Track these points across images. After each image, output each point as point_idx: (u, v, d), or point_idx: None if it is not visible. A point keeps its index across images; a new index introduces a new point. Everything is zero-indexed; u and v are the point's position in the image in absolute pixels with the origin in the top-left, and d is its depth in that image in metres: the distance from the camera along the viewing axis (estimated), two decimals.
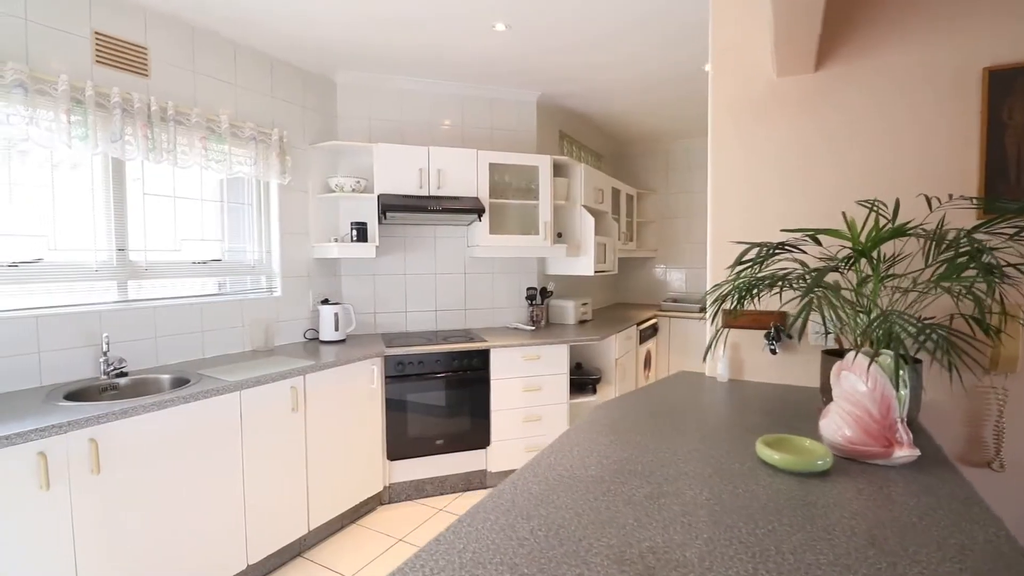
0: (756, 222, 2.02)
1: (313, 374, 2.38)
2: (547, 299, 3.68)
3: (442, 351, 2.90)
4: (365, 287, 3.33)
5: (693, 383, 2.04)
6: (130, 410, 1.69)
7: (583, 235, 3.66)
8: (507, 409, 3.07)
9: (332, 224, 3.21)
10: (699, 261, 5.22)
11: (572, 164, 3.62)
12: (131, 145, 2.18)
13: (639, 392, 1.89)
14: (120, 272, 2.25)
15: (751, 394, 1.85)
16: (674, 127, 4.68)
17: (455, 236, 3.53)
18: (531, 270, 3.75)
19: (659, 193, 5.38)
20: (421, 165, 3.07)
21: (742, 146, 2.01)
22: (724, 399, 1.79)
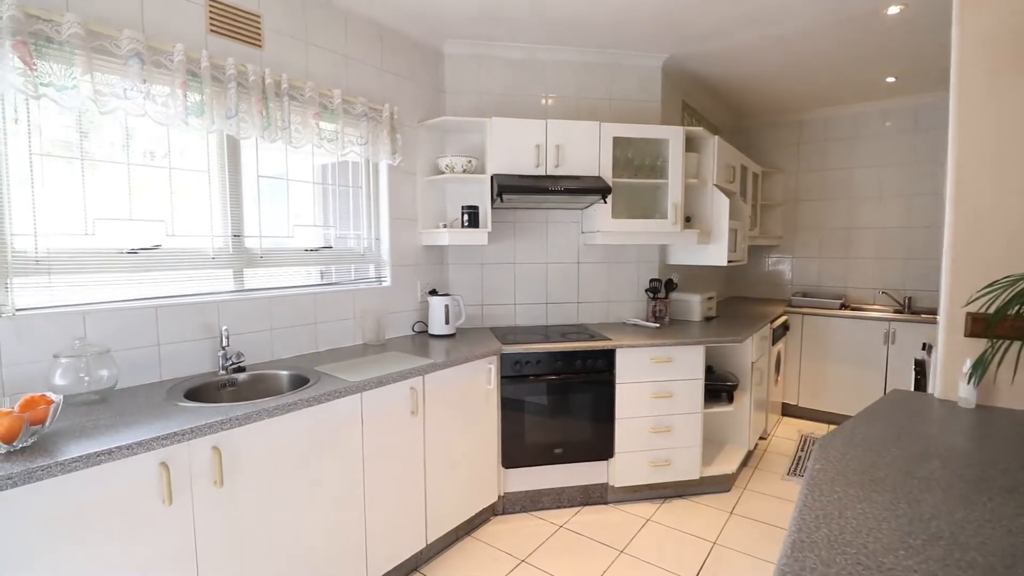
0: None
1: (432, 374, 2.14)
2: (670, 293, 3.24)
3: (563, 350, 2.57)
4: (472, 277, 3.07)
5: (929, 410, 1.56)
6: (254, 415, 1.50)
7: (715, 219, 3.18)
8: (633, 417, 2.70)
9: (439, 208, 2.97)
10: (835, 250, 4.52)
11: (705, 136, 3.13)
12: (246, 123, 2.01)
13: (864, 421, 1.44)
14: (236, 260, 2.11)
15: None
16: (814, 93, 4.02)
17: (568, 221, 3.17)
18: (651, 260, 3.33)
19: (787, 172, 4.71)
20: (538, 141, 2.74)
21: (1000, 103, 1.48)
22: (1005, 437, 1.31)
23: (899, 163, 4.21)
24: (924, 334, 3.66)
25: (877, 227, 4.33)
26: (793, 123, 4.64)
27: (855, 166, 4.40)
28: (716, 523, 2.60)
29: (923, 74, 3.57)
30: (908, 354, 3.75)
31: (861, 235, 4.41)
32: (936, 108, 4.02)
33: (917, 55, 3.25)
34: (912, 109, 4.12)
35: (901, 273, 4.25)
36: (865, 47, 3.09)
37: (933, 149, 4.06)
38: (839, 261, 4.52)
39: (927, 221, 4.13)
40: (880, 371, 3.88)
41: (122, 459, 1.23)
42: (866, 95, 4.06)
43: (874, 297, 4.35)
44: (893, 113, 4.20)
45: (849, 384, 4.00)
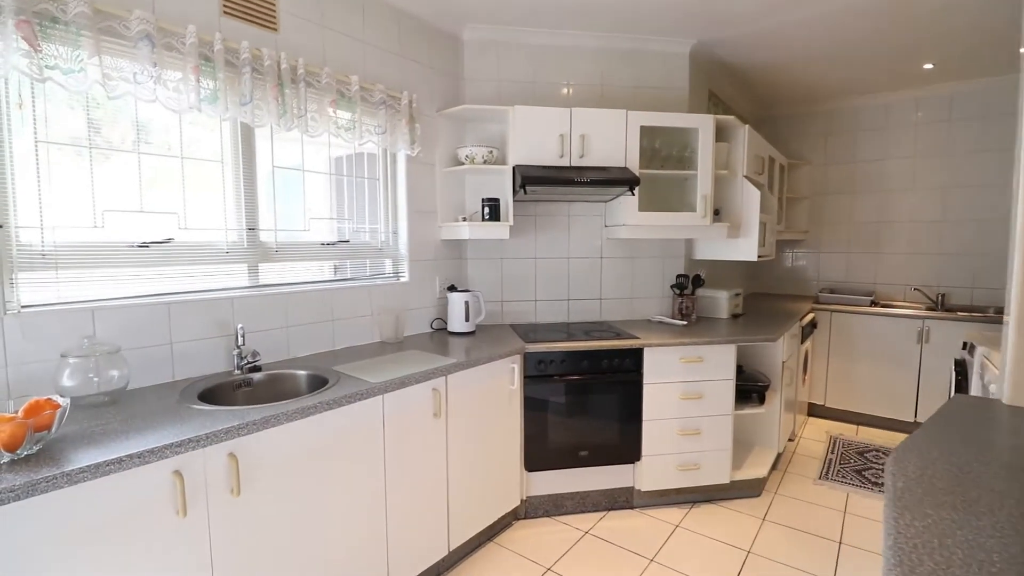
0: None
1: (455, 375, 2.04)
2: (697, 289, 3.11)
3: (588, 349, 2.46)
4: (492, 272, 2.96)
5: (1001, 418, 1.43)
6: (272, 419, 1.40)
7: (745, 212, 3.04)
8: (661, 419, 2.58)
9: (459, 201, 2.86)
10: (863, 245, 4.36)
11: (735, 126, 3.00)
12: (261, 110, 1.91)
13: (934, 432, 1.32)
14: (251, 254, 2.02)
15: None
16: (846, 81, 3.86)
17: (591, 214, 3.05)
18: (676, 255, 3.20)
19: (813, 164, 4.55)
20: (562, 130, 2.62)
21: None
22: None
23: (933, 154, 4.04)
24: (961, 333, 3.50)
25: (909, 221, 4.16)
26: (820, 113, 4.48)
27: (886, 157, 4.23)
28: (748, 530, 2.48)
29: (963, 61, 3.40)
30: (943, 354, 3.60)
31: (892, 229, 4.24)
32: (973, 96, 3.84)
33: (958, 40, 3.09)
34: (947, 97, 3.94)
35: (934, 269, 4.08)
36: (904, 30, 2.93)
37: (968, 139, 3.89)
38: (868, 256, 4.36)
39: (963, 215, 3.95)
40: (913, 371, 3.73)
41: (133, 468, 1.14)
42: (900, 83, 3.89)
43: (904, 294, 4.19)
44: (927, 102, 4.03)
45: (880, 384, 3.85)
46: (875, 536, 2.44)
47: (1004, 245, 3.80)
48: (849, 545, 2.37)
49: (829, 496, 2.84)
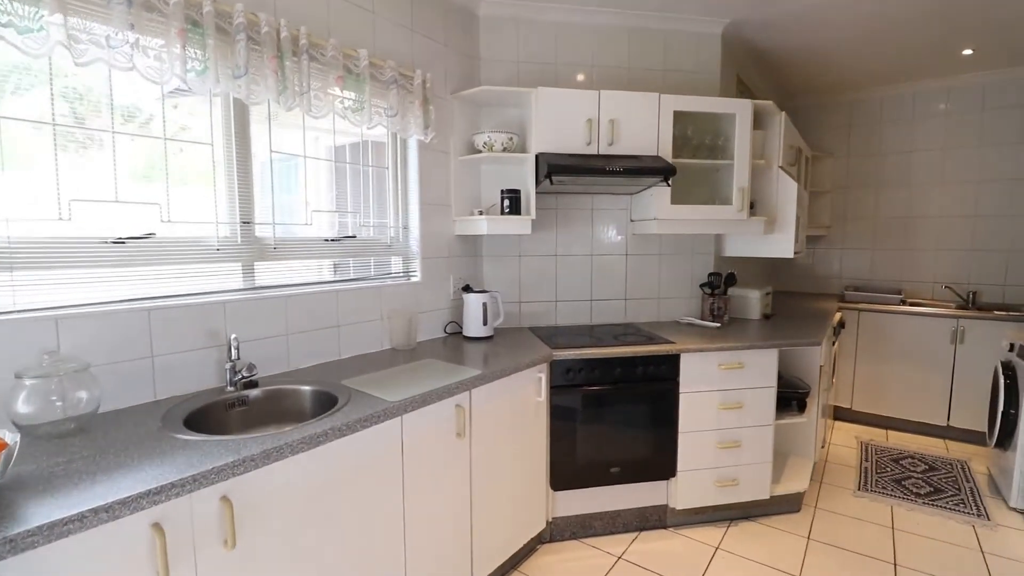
0: None
1: (480, 388, 1.80)
2: (728, 289, 2.89)
3: (620, 355, 2.23)
4: (509, 270, 2.72)
5: None
6: (274, 452, 1.16)
7: (781, 205, 2.82)
8: (698, 431, 2.36)
9: (474, 193, 2.61)
10: (889, 241, 4.17)
11: (771, 112, 2.77)
12: (257, 84, 1.65)
13: None
14: (246, 251, 1.76)
15: None
16: (878, 67, 3.64)
17: (616, 208, 2.82)
18: (706, 251, 2.97)
19: (836, 157, 4.35)
20: (589, 114, 2.38)
21: None
22: None
23: (964, 145, 3.84)
24: (998, 333, 3.32)
25: (938, 216, 3.97)
26: (844, 103, 4.27)
27: (913, 150, 4.03)
28: (794, 551, 2.27)
29: (1005, 47, 3.19)
30: (979, 355, 3.42)
31: (920, 224, 4.05)
32: (1009, 86, 3.64)
33: (1005, 24, 2.88)
34: (979, 88, 3.75)
35: (964, 266, 3.90)
36: (949, 7, 2.71)
37: (1002, 130, 3.70)
38: (894, 253, 4.16)
39: (996, 210, 3.77)
40: (946, 373, 3.55)
41: (100, 526, 0.90)
42: (932, 71, 3.68)
43: (932, 291, 4.01)
44: (958, 92, 3.83)
45: (910, 387, 3.67)
46: (931, 556, 2.24)
47: None
48: (906, 567, 2.17)
49: (872, 510, 2.64)
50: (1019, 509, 2.61)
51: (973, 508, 2.64)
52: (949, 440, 3.56)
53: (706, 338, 2.43)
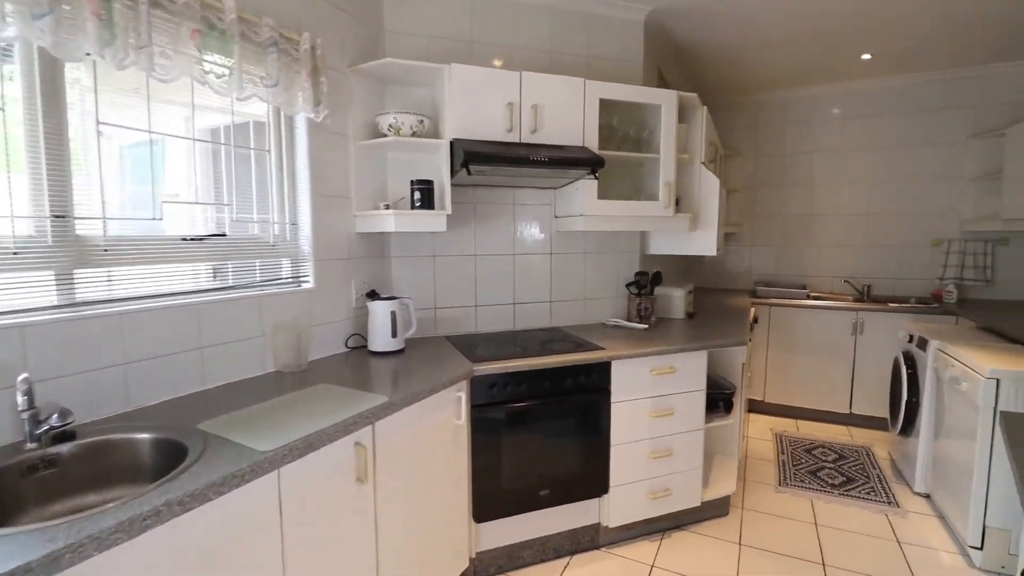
0: None
1: (386, 419, 1.48)
2: (655, 288, 2.79)
3: (549, 366, 2.01)
4: (422, 273, 2.41)
5: None
6: (77, 548, 0.78)
7: (704, 202, 2.76)
8: (631, 442, 2.21)
9: (378, 184, 2.27)
10: (794, 238, 4.36)
11: (695, 106, 2.70)
12: (70, 30, 1.22)
13: None
14: (59, 255, 1.31)
15: None
16: (784, 70, 3.75)
17: (540, 202, 2.60)
18: (632, 249, 2.85)
19: (745, 156, 4.47)
20: (511, 98, 2.13)
21: None
22: None
23: (859, 148, 4.09)
24: (892, 323, 3.54)
25: (836, 214, 4.20)
26: (751, 104, 4.40)
27: (814, 150, 4.23)
28: (729, 561, 2.19)
29: (898, 55, 3.39)
30: (877, 345, 3.62)
31: (820, 222, 4.27)
32: (900, 93, 3.91)
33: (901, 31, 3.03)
34: (873, 93, 3.99)
35: (860, 261, 4.15)
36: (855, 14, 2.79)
37: (892, 134, 3.97)
38: (798, 249, 4.36)
39: (886, 208, 4.04)
40: (848, 363, 3.74)
41: None
42: (834, 74, 3.86)
43: (832, 285, 4.24)
44: (854, 96, 4.06)
45: (816, 377, 3.83)
46: (854, 551, 2.26)
47: (922, 237, 3.93)
48: (834, 567, 2.16)
49: (794, 506, 2.65)
50: (922, 494, 2.74)
51: (883, 496, 2.74)
52: (852, 427, 3.76)
53: (636, 342, 2.29)
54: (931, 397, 2.68)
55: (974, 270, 3.72)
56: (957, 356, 2.38)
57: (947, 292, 3.71)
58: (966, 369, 2.25)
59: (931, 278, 3.92)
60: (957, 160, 3.79)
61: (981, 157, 3.69)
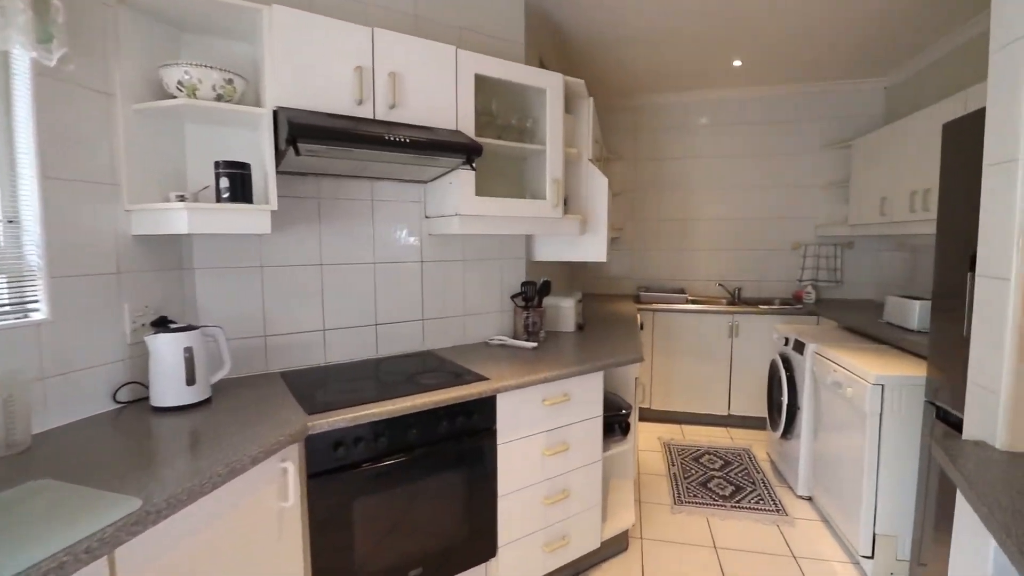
0: None
1: (139, 537, 0.90)
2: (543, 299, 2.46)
3: (417, 408, 1.54)
4: (245, 290, 1.80)
5: (1011, 469, 0.99)
6: None
7: (593, 203, 2.50)
8: (522, 488, 1.83)
9: (171, 166, 1.63)
10: (672, 242, 4.38)
11: (581, 95, 2.42)
12: None
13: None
14: None
15: None
16: (659, 74, 3.69)
17: (405, 199, 2.13)
18: (517, 255, 2.50)
19: (626, 160, 4.41)
20: (360, 61, 1.64)
21: None
22: None
23: (728, 155, 4.21)
24: (764, 325, 3.64)
25: (710, 219, 4.29)
26: (631, 108, 4.35)
27: (687, 156, 4.29)
28: None
29: (766, 65, 3.48)
30: (751, 346, 3.69)
31: (696, 227, 4.33)
32: (765, 103, 4.08)
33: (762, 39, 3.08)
34: (741, 102, 4.13)
35: (732, 264, 4.27)
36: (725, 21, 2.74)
37: (757, 143, 4.13)
38: (676, 253, 4.39)
39: (751, 213, 4.20)
40: (725, 365, 3.78)
41: None
42: (707, 80, 3.90)
43: (706, 289, 4.32)
44: (723, 105, 4.17)
45: (698, 381, 3.83)
46: (755, 573, 2.12)
47: (784, 241, 4.12)
48: None
49: (692, 527, 2.49)
50: (805, 496, 2.75)
51: (771, 503, 2.69)
52: (731, 428, 3.81)
53: (525, 365, 1.92)
54: (811, 400, 2.69)
55: (827, 272, 3.98)
56: (838, 361, 2.36)
57: (807, 293, 3.92)
58: (850, 374, 2.22)
59: (792, 280, 4.14)
60: (812, 169, 4.04)
61: (831, 167, 3.97)
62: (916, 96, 3.49)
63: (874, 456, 2.08)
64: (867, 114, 3.89)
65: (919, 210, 2.79)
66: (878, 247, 3.93)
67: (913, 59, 3.44)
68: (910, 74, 3.55)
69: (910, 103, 3.51)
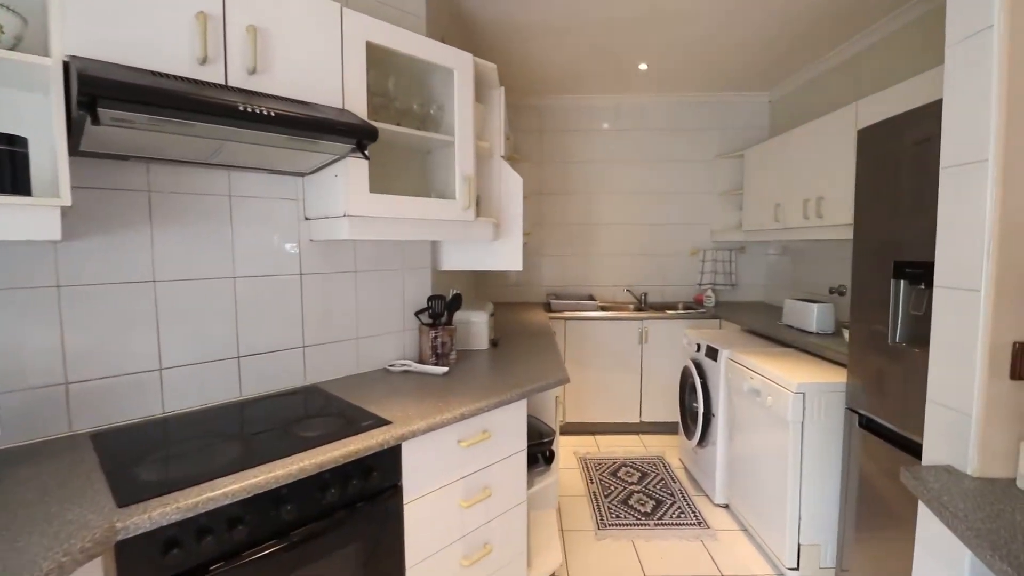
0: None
1: None
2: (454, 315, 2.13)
3: (291, 477, 1.14)
4: (31, 320, 1.26)
5: (987, 494, 0.88)
6: None
7: (506, 205, 2.23)
8: (436, 552, 1.49)
9: None
10: (579, 247, 4.28)
11: (492, 82, 2.14)
12: None
13: None
14: None
15: None
16: (575, 70, 3.55)
17: (276, 195, 1.69)
18: (421, 265, 2.15)
19: (532, 161, 4.22)
20: (205, 4, 1.20)
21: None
22: None
23: (631, 160, 4.20)
24: (670, 330, 3.64)
25: (613, 223, 4.25)
26: (536, 108, 4.18)
27: (594, 160, 4.21)
28: None
29: (667, 70, 3.47)
30: (660, 352, 3.68)
31: (602, 231, 4.27)
32: (664, 109, 4.11)
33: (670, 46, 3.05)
34: (644, 107, 4.13)
35: (637, 269, 4.26)
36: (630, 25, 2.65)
37: (659, 150, 4.16)
38: (583, 258, 4.29)
39: (655, 219, 4.22)
40: (636, 372, 3.72)
41: None
42: (612, 84, 3.84)
43: (614, 295, 4.27)
44: (628, 110, 4.15)
45: (611, 390, 3.73)
46: None
47: (684, 246, 4.19)
48: None
49: (618, 555, 2.31)
50: (722, 504, 2.71)
51: (692, 516, 2.61)
52: (643, 435, 3.76)
53: (435, 398, 1.59)
54: (726, 407, 2.65)
55: (723, 275, 4.12)
56: (755, 368, 2.32)
57: (707, 297, 4.01)
58: (769, 382, 2.18)
59: (692, 284, 4.23)
60: (709, 177, 4.16)
61: (726, 175, 4.11)
62: (796, 110, 3.70)
63: (797, 466, 2.04)
64: (756, 125, 4.09)
65: (812, 216, 2.89)
66: (766, 251, 4.14)
67: (791, 76, 3.65)
68: (790, 90, 3.77)
69: (792, 116, 3.72)
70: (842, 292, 3.16)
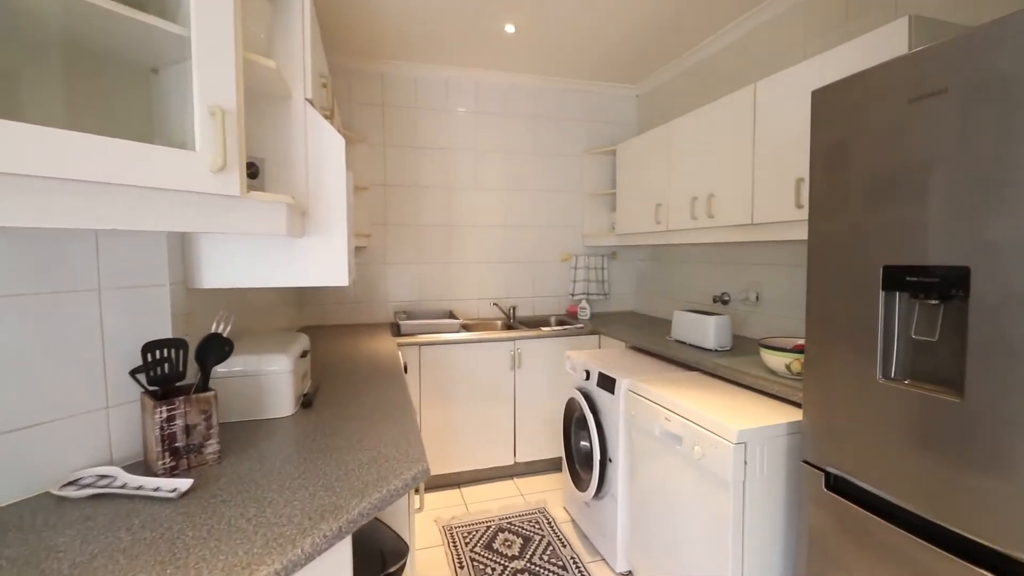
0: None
1: None
2: (212, 372, 1.20)
3: None
4: None
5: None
6: None
7: (320, 181, 1.37)
8: None
9: None
10: (433, 254, 3.50)
11: None
12: None
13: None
14: None
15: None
16: (427, 29, 2.76)
17: None
18: (151, 279, 1.17)
19: (371, 144, 3.34)
20: None
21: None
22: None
23: (493, 150, 3.56)
24: (546, 350, 3.06)
25: (474, 225, 3.57)
26: (377, 75, 3.31)
27: (448, 147, 3.49)
28: None
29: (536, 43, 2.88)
30: (537, 378, 3.07)
31: (462, 234, 3.55)
32: (528, 92, 3.55)
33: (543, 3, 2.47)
34: (506, 88, 3.53)
35: (503, 279, 3.63)
36: None
37: (523, 139, 3.59)
38: (441, 267, 3.52)
39: (522, 220, 3.64)
40: (509, 404, 3.06)
41: None
42: (474, 48, 3.14)
43: (479, 309, 3.59)
44: (489, 90, 3.50)
45: (479, 430, 3.02)
46: None
47: (554, 251, 3.68)
48: None
49: None
50: (624, 573, 2.15)
51: None
52: (518, 477, 3.11)
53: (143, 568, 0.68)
54: (627, 451, 2.11)
55: (596, 284, 3.69)
56: (670, 406, 1.79)
57: (581, 308, 3.54)
58: (695, 427, 1.64)
59: (564, 294, 3.73)
60: (578, 173, 3.71)
61: (596, 172, 3.70)
62: (663, 106, 3.43)
63: (739, 535, 1.53)
64: (623, 121, 3.76)
65: (702, 216, 2.53)
66: (636, 257, 3.83)
67: (657, 71, 3.37)
68: (657, 84, 3.49)
69: (659, 112, 3.43)
70: (725, 301, 2.89)
